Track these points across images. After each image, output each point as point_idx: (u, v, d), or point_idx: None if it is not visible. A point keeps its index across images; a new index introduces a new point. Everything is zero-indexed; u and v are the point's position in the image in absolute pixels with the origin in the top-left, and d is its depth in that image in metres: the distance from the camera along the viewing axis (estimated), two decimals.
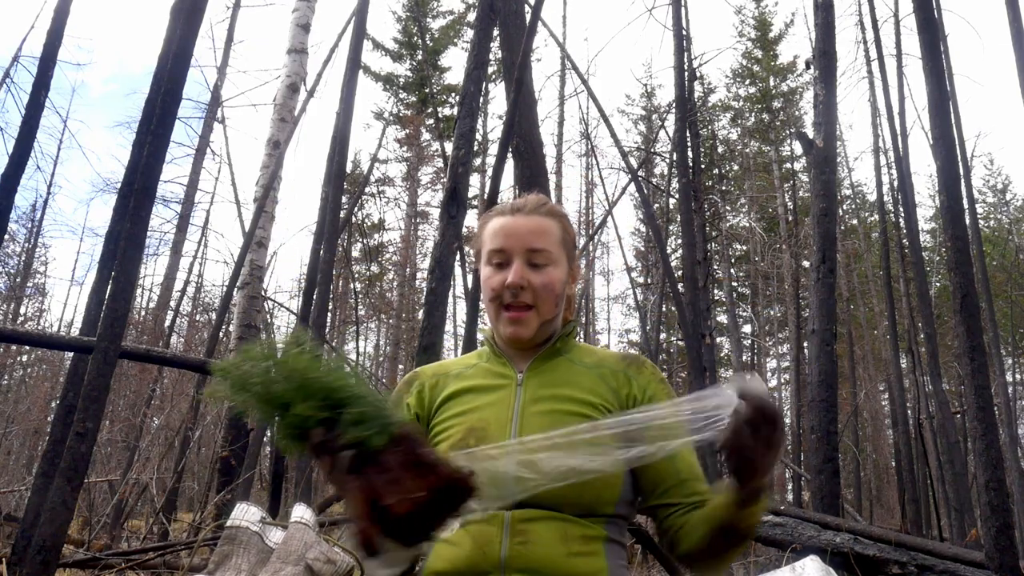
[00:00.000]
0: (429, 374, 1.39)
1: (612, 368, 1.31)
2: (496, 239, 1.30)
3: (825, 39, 5.20)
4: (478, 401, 1.29)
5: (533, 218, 1.31)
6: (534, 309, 1.28)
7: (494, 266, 1.30)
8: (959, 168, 3.98)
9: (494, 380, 1.32)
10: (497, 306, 1.29)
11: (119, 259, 2.97)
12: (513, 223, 1.30)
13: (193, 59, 3.42)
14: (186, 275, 14.71)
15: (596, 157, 13.10)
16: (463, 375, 1.35)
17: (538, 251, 1.29)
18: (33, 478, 4.11)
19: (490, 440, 1.21)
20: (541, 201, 1.35)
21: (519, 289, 1.26)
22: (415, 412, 1.35)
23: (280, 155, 7.98)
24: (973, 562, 3.67)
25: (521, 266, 1.27)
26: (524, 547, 1.14)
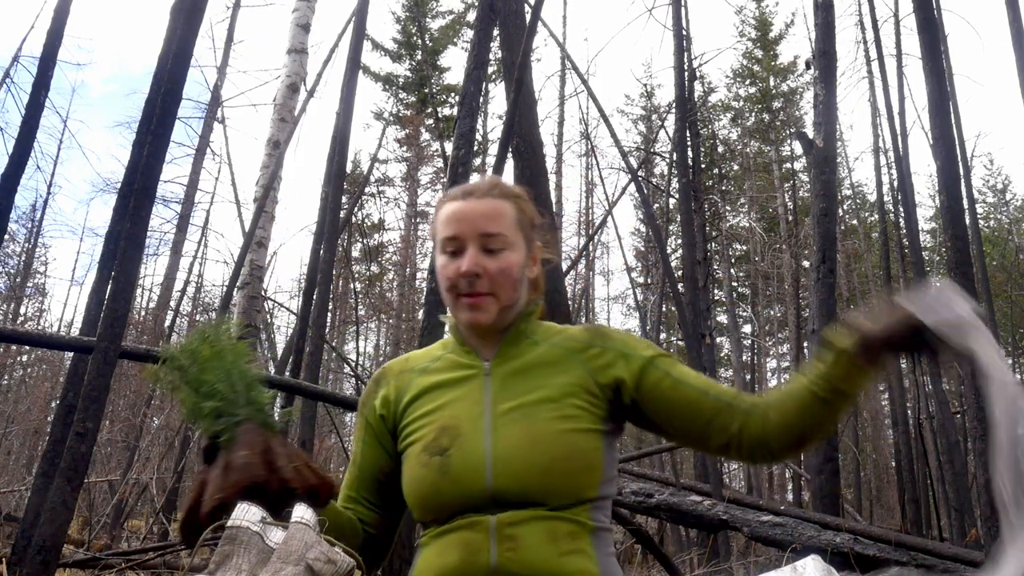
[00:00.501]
0: (395, 371, 1.35)
1: (580, 343, 1.27)
2: (448, 226, 1.25)
3: (825, 39, 5.20)
4: (447, 397, 1.25)
5: (485, 201, 1.26)
6: (492, 296, 1.23)
7: (448, 254, 1.25)
8: (959, 168, 3.98)
9: (461, 372, 1.28)
10: (454, 295, 1.25)
11: (119, 259, 2.97)
12: (465, 208, 1.25)
13: (193, 59, 3.42)
14: (186, 275, 14.72)
15: (596, 157, 13.12)
16: (429, 369, 1.31)
17: (492, 235, 1.23)
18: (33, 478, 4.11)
19: (464, 437, 1.19)
20: (494, 183, 1.30)
21: (474, 277, 1.22)
22: (380, 413, 1.32)
23: (280, 155, 7.98)
24: (973, 562, 3.67)
25: (475, 253, 1.23)
26: (514, 553, 1.12)
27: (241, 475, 1.04)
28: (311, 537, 0.95)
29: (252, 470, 1.05)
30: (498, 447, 1.17)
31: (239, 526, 0.96)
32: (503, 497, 1.15)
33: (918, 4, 3.92)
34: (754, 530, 4.31)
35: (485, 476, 1.16)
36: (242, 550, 0.94)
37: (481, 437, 1.18)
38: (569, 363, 1.24)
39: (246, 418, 1.13)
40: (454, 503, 1.18)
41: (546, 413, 1.19)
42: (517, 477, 1.15)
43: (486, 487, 1.16)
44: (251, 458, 1.06)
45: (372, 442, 1.32)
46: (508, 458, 1.16)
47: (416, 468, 1.21)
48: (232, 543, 0.94)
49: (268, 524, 0.98)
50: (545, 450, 1.15)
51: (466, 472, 1.17)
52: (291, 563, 0.91)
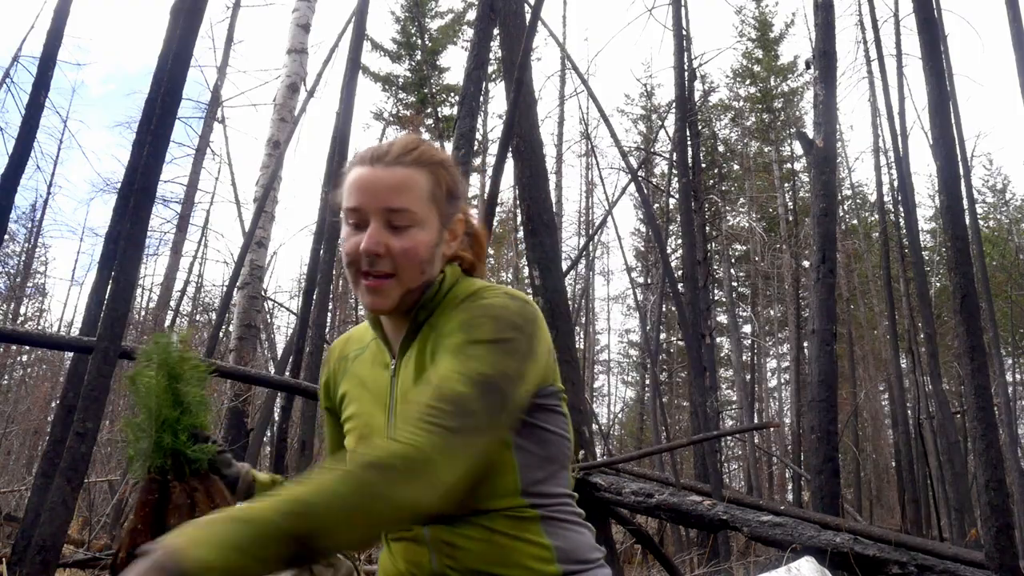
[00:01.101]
0: (336, 356, 1.30)
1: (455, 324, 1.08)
2: (352, 195, 1.11)
3: (825, 39, 5.20)
4: (364, 401, 1.20)
5: (394, 170, 1.10)
6: (394, 278, 1.11)
7: (351, 227, 1.12)
8: (959, 168, 3.98)
9: (375, 371, 1.21)
10: (355, 272, 1.12)
11: (119, 259, 2.97)
12: (371, 176, 1.10)
13: (193, 59, 3.42)
14: (186, 275, 14.71)
15: (596, 157, 13.12)
16: (357, 361, 1.25)
17: (397, 211, 1.09)
18: (33, 478, 4.10)
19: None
20: (408, 146, 1.14)
21: (375, 256, 1.09)
22: (326, 406, 1.31)
23: (280, 155, 7.98)
24: (973, 562, 3.66)
25: (378, 229, 1.09)
26: (452, 560, 1.09)
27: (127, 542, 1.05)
28: None
29: (133, 538, 1.05)
30: None
31: None
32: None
33: (918, 4, 3.92)
34: (754, 530, 4.31)
35: None
36: None
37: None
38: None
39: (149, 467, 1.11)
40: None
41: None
42: None
43: None
44: (134, 524, 1.07)
45: (333, 426, 1.31)
46: None
47: None
48: None
49: None
50: None
51: None
52: None
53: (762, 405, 21.32)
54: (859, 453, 15.01)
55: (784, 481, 17.95)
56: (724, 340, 19.80)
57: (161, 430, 1.11)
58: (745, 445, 16.19)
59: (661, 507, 4.07)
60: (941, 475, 9.56)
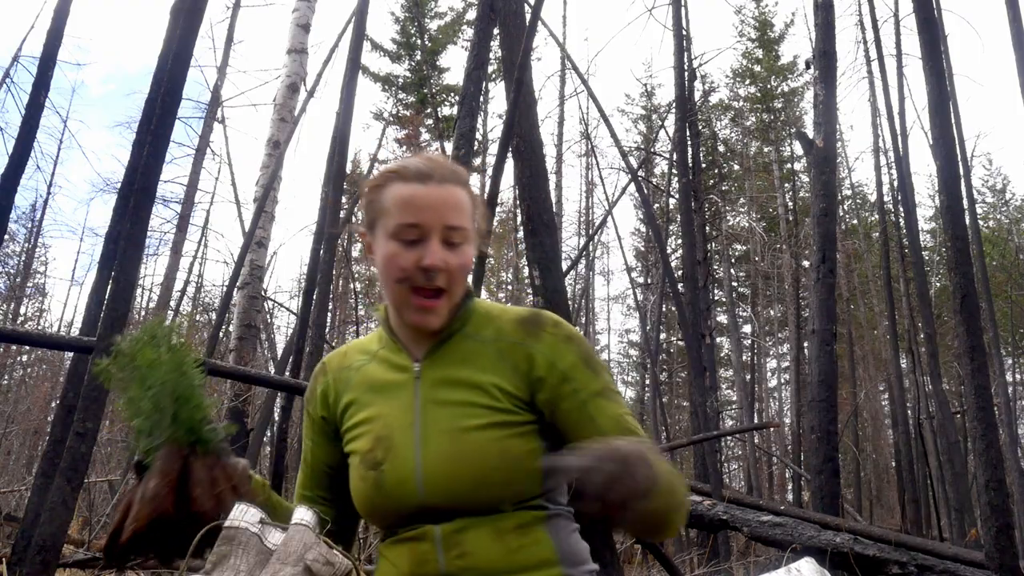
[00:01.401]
0: (333, 368, 1.30)
1: (510, 340, 1.18)
2: (408, 212, 1.13)
3: (825, 39, 5.20)
4: (380, 404, 1.20)
5: (449, 189, 1.15)
6: (446, 294, 1.15)
7: (404, 242, 1.13)
8: (959, 168, 3.98)
9: (392, 375, 1.22)
10: (406, 289, 1.14)
11: (119, 259, 2.97)
12: (428, 194, 1.13)
13: (193, 59, 3.42)
14: (186, 275, 14.70)
15: (596, 157, 13.12)
16: (364, 370, 1.25)
17: (456, 228, 1.14)
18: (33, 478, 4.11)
19: (396, 449, 1.15)
20: (448, 165, 1.19)
21: (436, 272, 1.13)
22: (322, 414, 1.28)
23: (280, 155, 7.98)
24: (973, 562, 3.67)
25: (438, 245, 1.13)
26: (462, 560, 1.11)
27: (150, 508, 1.01)
28: (310, 538, 0.95)
29: (157, 503, 1.01)
30: (427, 461, 1.13)
31: (237, 527, 0.96)
32: (438, 510, 1.13)
33: (918, 4, 3.92)
34: (754, 530, 4.31)
35: (416, 491, 1.13)
36: (240, 551, 0.94)
37: (411, 451, 1.15)
38: (499, 363, 1.17)
39: (168, 439, 1.08)
40: (392, 516, 1.16)
41: (476, 420, 1.13)
42: (447, 492, 1.12)
43: (419, 502, 1.13)
44: (159, 489, 1.03)
45: (320, 439, 1.29)
46: (437, 473, 1.12)
47: (356, 480, 1.19)
48: (229, 544, 0.94)
49: (267, 525, 0.98)
50: (475, 462, 1.11)
51: (397, 487, 1.14)
52: (289, 564, 0.91)
53: (762, 405, 21.33)
54: (859, 453, 15.02)
55: (784, 481, 17.96)
56: (724, 340, 19.80)
57: (177, 404, 1.10)
58: (745, 445, 16.20)
59: None
60: (941, 475, 9.56)
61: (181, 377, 1.12)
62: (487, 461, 1.11)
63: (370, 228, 1.20)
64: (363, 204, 1.22)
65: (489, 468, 1.11)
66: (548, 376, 1.15)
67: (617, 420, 1.14)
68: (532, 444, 1.15)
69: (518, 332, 1.18)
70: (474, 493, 1.11)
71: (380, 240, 1.17)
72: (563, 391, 1.15)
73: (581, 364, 1.17)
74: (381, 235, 1.16)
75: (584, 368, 1.16)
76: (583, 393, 1.15)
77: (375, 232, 1.18)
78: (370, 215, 1.19)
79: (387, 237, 1.15)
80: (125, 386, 1.14)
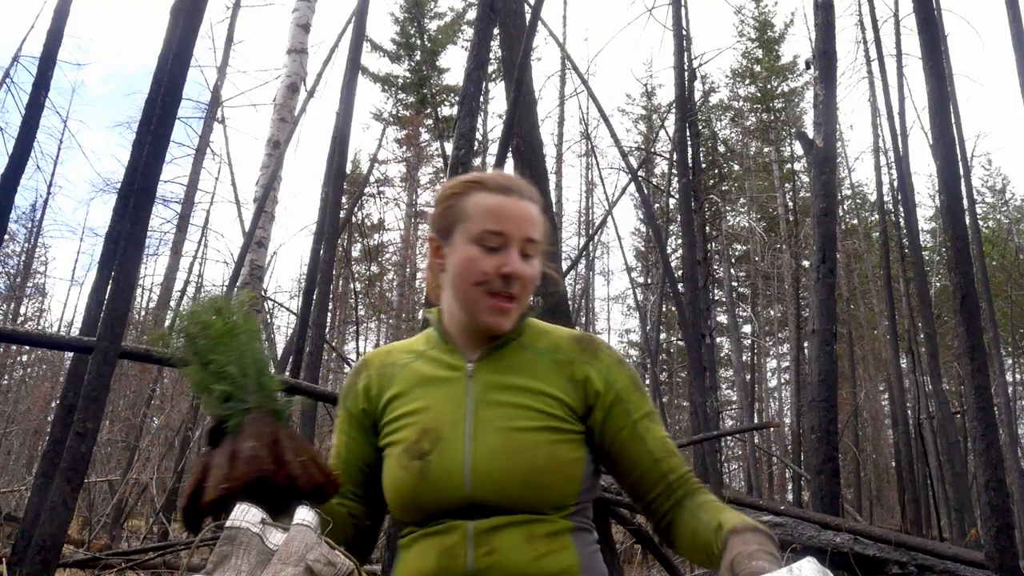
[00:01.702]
0: (377, 364, 1.32)
1: (567, 355, 1.24)
2: (493, 220, 1.20)
3: (825, 39, 5.19)
4: (428, 398, 1.23)
5: (529, 205, 1.23)
6: (517, 301, 1.21)
7: (486, 248, 1.19)
8: (959, 168, 3.98)
9: (443, 372, 1.25)
10: (483, 291, 1.20)
11: (119, 259, 2.97)
12: (512, 206, 1.21)
13: (193, 59, 3.42)
14: (186, 275, 14.70)
15: (596, 157, 13.12)
16: (411, 367, 1.28)
17: (532, 242, 1.22)
18: (33, 478, 4.11)
19: (445, 441, 1.17)
20: (527, 184, 1.27)
21: (515, 279, 1.19)
22: (362, 407, 1.30)
23: (280, 155, 7.98)
24: (973, 562, 3.67)
25: (517, 255, 1.20)
26: (490, 558, 1.12)
27: (248, 467, 1.01)
28: (311, 539, 0.95)
29: (259, 463, 1.02)
30: (478, 455, 1.15)
31: (238, 527, 0.96)
32: (480, 505, 1.15)
33: (918, 4, 3.92)
34: None
35: (464, 484, 1.15)
36: (241, 551, 0.94)
37: (461, 444, 1.17)
38: (554, 374, 1.22)
39: (255, 405, 1.10)
40: (432, 507, 1.17)
41: (528, 422, 1.17)
42: (495, 487, 1.14)
43: (464, 495, 1.15)
44: (259, 450, 1.03)
45: (355, 434, 1.30)
46: (487, 467, 1.14)
47: (396, 470, 1.20)
48: (231, 544, 0.94)
49: (268, 525, 0.98)
50: (524, 461, 1.14)
51: (445, 479, 1.16)
52: (291, 564, 0.91)
53: (762, 405, 21.33)
54: (859, 453, 15.01)
55: (784, 481, 17.95)
56: (724, 340, 19.80)
57: (259, 372, 1.13)
58: (745, 445, 16.19)
59: None
60: (941, 475, 9.56)
61: (259, 347, 1.16)
62: (537, 461, 1.14)
63: (444, 233, 1.25)
64: (438, 210, 1.27)
65: (538, 468, 1.14)
66: (604, 394, 1.22)
67: (663, 442, 1.22)
68: (579, 452, 1.19)
69: (574, 349, 1.25)
70: (521, 491, 1.14)
71: (458, 244, 1.22)
72: (616, 411, 1.21)
73: (632, 387, 1.24)
74: (460, 239, 1.22)
75: (635, 391, 1.24)
76: (635, 415, 1.22)
77: (451, 237, 1.24)
78: (447, 220, 1.24)
79: (468, 242, 1.21)
80: (193, 350, 1.16)
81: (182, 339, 1.16)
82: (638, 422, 1.21)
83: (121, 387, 10.69)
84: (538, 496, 1.15)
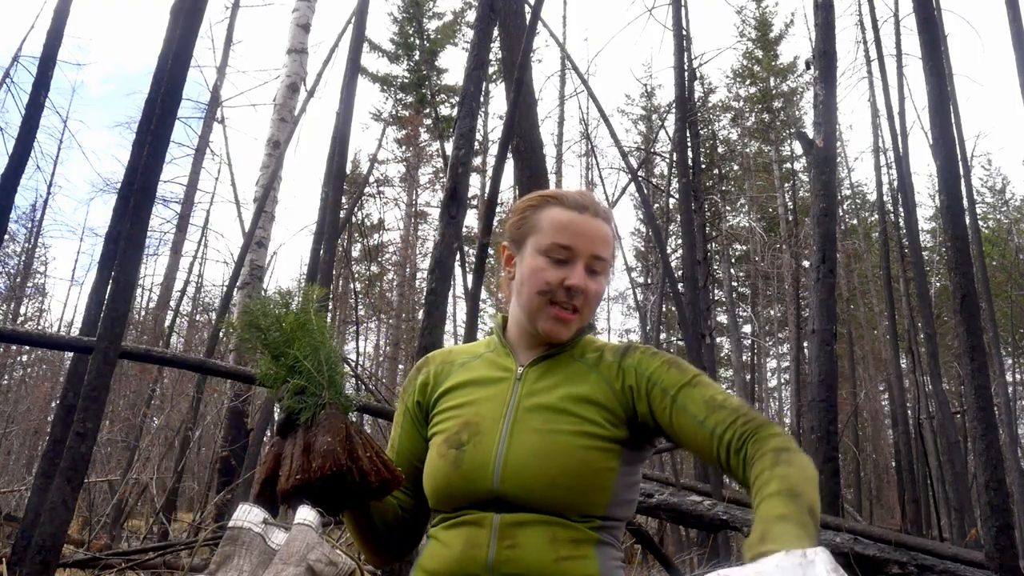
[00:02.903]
0: (437, 361, 1.39)
1: (608, 362, 1.29)
2: (564, 234, 1.25)
3: (825, 39, 5.19)
4: (477, 394, 1.28)
5: (600, 224, 1.28)
6: (578, 314, 1.27)
7: (553, 260, 1.26)
8: (959, 168, 3.98)
9: (495, 373, 1.31)
10: (545, 300, 1.26)
11: (119, 259, 2.97)
12: (584, 223, 1.27)
13: (193, 59, 3.42)
14: (186, 275, 14.72)
15: (596, 157, 13.12)
16: (468, 365, 1.35)
17: (601, 259, 1.27)
18: (33, 478, 4.11)
19: (483, 435, 1.22)
20: (602, 203, 1.32)
21: (577, 293, 1.25)
22: (417, 399, 1.36)
23: (280, 155, 7.98)
24: (973, 562, 3.66)
25: (583, 270, 1.25)
26: (512, 551, 1.14)
27: (323, 461, 1.05)
28: (313, 538, 0.95)
29: (335, 457, 1.05)
30: (510, 451, 1.19)
31: (240, 527, 0.96)
32: (507, 500, 1.17)
33: (918, 4, 3.92)
34: None
35: (493, 477, 1.18)
36: (243, 551, 0.94)
37: (497, 438, 1.21)
38: (599, 383, 1.25)
39: (329, 401, 1.13)
40: (462, 497, 1.21)
41: (565, 425, 1.20)
42: (522, 484, 1.16)
43: (492, 488, 1.18)
44: (334, 445, 1.06)
45: (409, 428, 1.36)
46: (517, 464, 1.18)
47: (435, 458, 1.25)
48: (233, 544, 0.94)
49: (270, 525, 0.99)
50: (555, 462, 1.17)
51: (476, 470, 1.19)
52: (292, 564, 0.91)
53: (762, 405, 21.33)
54: (859, 453, 15.02)
55: None
56: (724, 340, 19.79)
57: (331, 368, 1.16)
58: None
59: (661, 507, 4.07)
60: (941, 475, 9.56)
61: (331, 342, 1.19)
62: (567, 464, 1.16)
63: (516, 242, 1.32)
64: (514, 221, 1.34)
65: (567, 471, 1.16)
66: (639, 384, 1.24)
67: (707, 402, 1.18)
68: (612, 463, 1.20)
69: (615, 355, 1.29)
70: (547, 491, 1.16)
71: (528, 254, 1.29)
72: (655, 394, 1.22)
73: (666, 366, 1.24)
74: (530, 250, 1.28)
75: (669, 368, 1.24)
76: (672, 390, 1.21)
77: (522, 246, 1.31)
78: (521, 231, 1.31)
79: (537, 252, 1.27)
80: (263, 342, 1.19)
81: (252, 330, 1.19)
82: (677, 395, 1.21)
83: (121, 387, 10.68)
84: (564, 498, 1.16)
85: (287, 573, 0.88)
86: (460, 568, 1.17)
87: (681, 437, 1.19)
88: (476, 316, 4.23)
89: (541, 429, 1.20)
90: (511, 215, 1.36)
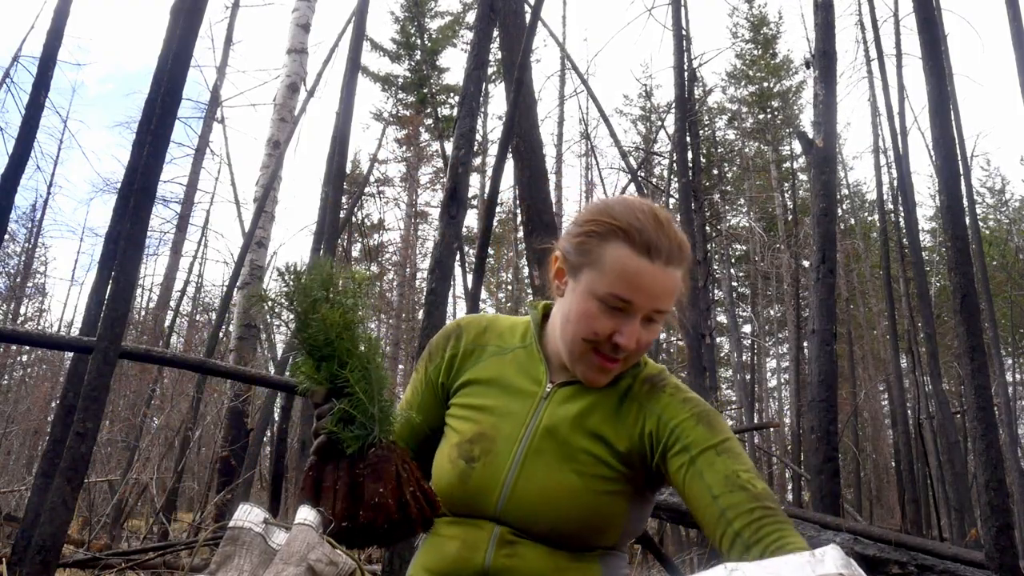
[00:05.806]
0: (471, 336, 1.29)
1: (633, 396, 1.19)
2: (625, 287, 1.09)
3: (825, 39, 5.19)
4: (499, 401, 1.21)
5: (672, 273, 1.12)
6: (621, 363, 1.16)
7: (608, 308, 1.11)
8: (959, 167, 3.98)
9: (524, 382, 1.22)
10: (589, 347, 1.14)
11: (119, 259, 2.97)
12: (650, 276, 1.09)
13: (193, 59, 3.41)
14: (186, 275, 14.72)
15: (596, 157, 13.13)
16: (497, 358, 1.25)
17: (661, 312, 1.13)
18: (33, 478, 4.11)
19: (495, 456, 1.16)
20: (678, 240, 1.13)
21: (624, 350, 1.13)
22: (441, 381, 1.29)
23: (280, 155, 7.98)
24: (973, 562, 3.66)
25: (638, 326, 1.12)
26: (509, 560, 1.12)
27: (375, 515, 0.98)
28: (313, 538, 0.94)
29: (386, 511, 0.98)
30: (519, 482, 1.14)
31: (241, 527, 0.96)
32: (508, 523, 1.15)
33: (918, 4, 3.92)
34: None
35: (497, 503, 1.15)
36: (244, 551, 0.94)
37: (508, 463, 1.16)
38: (622, 417, 1.17)
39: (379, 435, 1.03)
40: (464, 508, 1.18)
41: (580, 466, 1.14)
42: (524, 517, 1.14)
43: (495, 512, 1.15)
44: (386, 497, 0.99)
45: (428, 398, 1.29)
46: (523, 498, 1.13)
47: (445, 461, 1.20)
48: (234, 544, 0.94)
49: (271, 525, 0.98)
50: (561, 504, 1.12)
51: (482, 491, 1.16)
52: (292, 564, 0.91)
53: (762, 405, 21.33)
54: (859, 453, 15.02)
55: (784, 481, 17.95)
56: (724, 340, 19.79)
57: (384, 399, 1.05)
58: (745, 445, 16.17)
59: (661, 507, 4.07)
60: (941, 475, 9.56)
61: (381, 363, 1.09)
62: (574, 507, 1.12)
63: (573, 269, 1.16)
64: (575, 237, 1.16)
65: (573, 515, 1.12)
66: (658, 433, 1.14)
67: (728, 477, 1.06)
68: (621, 507, 1.15)
69: (642, 388, 1.19)
70: (549, 530, 1.13)
71: (582, 291, 1.13)
72: (673, 448, 1.11)
73: (694, 420, 1.13)
74: (585, 287, 1.13)
75: (696, 424, 1.12)
76: (694, 449, 1.10)
77: (577, 276, 1.15)
78: (579, 257, 1.15)
79: (591, 296, 1.12)
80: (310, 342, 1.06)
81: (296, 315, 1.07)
82: (697, 457, 1.09)
83: (121, 387, 10.68)
84: (565, 536, 1.13)
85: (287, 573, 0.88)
86: (455, 569, 1.15)
87: (689, 502, 1.09)
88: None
89: (554, 465, 1.14)
90: (572, 227, 1.19)
